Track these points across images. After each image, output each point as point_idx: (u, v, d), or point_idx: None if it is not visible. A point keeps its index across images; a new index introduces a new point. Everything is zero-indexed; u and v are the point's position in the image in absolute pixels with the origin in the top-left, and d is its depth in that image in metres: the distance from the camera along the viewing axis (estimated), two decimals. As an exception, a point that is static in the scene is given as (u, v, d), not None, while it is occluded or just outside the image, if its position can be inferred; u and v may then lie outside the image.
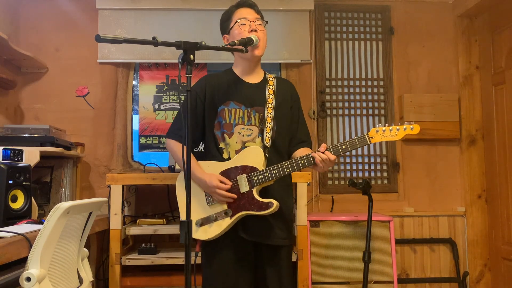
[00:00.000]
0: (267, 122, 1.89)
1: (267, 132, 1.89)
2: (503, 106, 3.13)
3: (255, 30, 1.89)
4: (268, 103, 1.92)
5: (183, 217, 1.90)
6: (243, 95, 1.93)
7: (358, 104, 3.40)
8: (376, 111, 3.41)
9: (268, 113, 1.91)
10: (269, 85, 1.96)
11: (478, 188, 3.36)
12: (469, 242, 3.31)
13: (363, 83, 3.42)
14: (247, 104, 1.92)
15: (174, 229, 2.69)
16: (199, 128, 1.96)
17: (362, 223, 2.79)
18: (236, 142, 1.90)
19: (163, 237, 3.06)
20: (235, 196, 1.82)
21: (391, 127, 1.79)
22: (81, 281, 1.89)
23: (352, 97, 3.41)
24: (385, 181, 3.38)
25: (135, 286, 2.64)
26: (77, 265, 1.90)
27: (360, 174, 3.38)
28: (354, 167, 3.37)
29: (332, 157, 1.77)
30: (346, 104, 3.40)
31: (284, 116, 1.97)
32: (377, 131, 1.79)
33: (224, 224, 1.83)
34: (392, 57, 3.42)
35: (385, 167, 3.39)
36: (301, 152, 1.96)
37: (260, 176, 1.81)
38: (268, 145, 1.88)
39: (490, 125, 3.30)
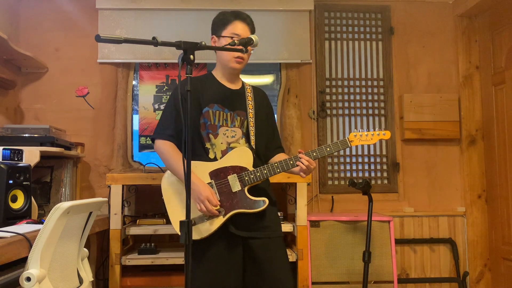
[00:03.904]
0: (250, 126, 2.00)
1: (251, 135, 2.00)
2: (503, 106, 3.13)
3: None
4: (249, 108, 2.03)
5: (172, 218, 1.94)
6: (226, 99, 2.01)
7: (358, 104, 3.40)
8: (376, 111, 3.41)
9: (250, 117, 2.01)
10: (247, 92, 2.07)
11: (478, 188, 3.36)
12: (469, 242, 3.31)
13: (363, 83, 3.42)
14: (230, 108, 2.00)
15: (174, 229, 2.68)
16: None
17: (362, 223, 2.79)
18: (222, 143, 1.97)
19: (163, 237, 3.06)
20: (217, 213, 1.85)
21: (366, 133, 1.99)
22: (81, 281, 1.89)
23: (352, 97, 3.41)
24: (385, 181, 3.38)
25: (135, 286, 2.64)
26: (77, 265, 1.90)
27: (360, 174, 3.38)
28: (354, 167, 3.37)
29: (312, 162, 1.92)
30: (346, 104, 3.40)
31: (262, 121, 2.07)
32: (355, 136, 1.99)
33: (217, 223, 1.87)
34: (392, 57, 3.42)
35: (385, 167, 3.39)
36: (280, 156, 2.08)
37: (252, 176, 1.90)
38: (254, 147, 1.99)
39: (490, 125, 3.30)
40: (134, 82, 3.29)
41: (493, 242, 3.26)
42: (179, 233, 1.74)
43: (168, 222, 2.85)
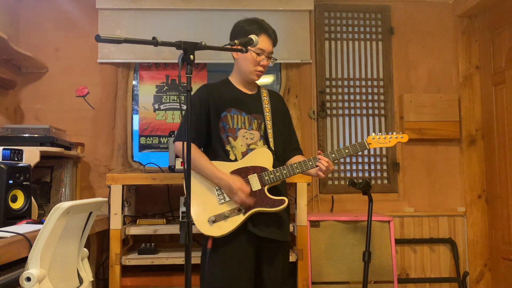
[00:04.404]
0: (268, 128, 2.07)
1: (270, 137, 2.06)
2: (503, 106, 3.13)
3: (263, 66, 2.07)
4: (266, 111, 2.10)
5: (194, 214, 1.99)
6: (243, 103, 2.08)
7: (358, 104, 3.40)
8: (376, 111, 3.41)
9: (267, 120, 2.08)
10: (263, 96, 2.15)
11: (478, 188, 3.36)
12: (469, 242, 3.31)
13: (363, 83, 3.42)
14: (247, 111, 2.08)
15: (174, 229, 2.69)
16: (205, 132, 2.07)
17: (362, 223, 2.79)
18: (241, 145, 2.04)
19: (163, 237, 3.06)
20: (252, 202, 1.92)
21: (384, 136, 2.06)
22: (81, 281, 1.89)
23: (352, 97, 3.41)
24: (385, 181, 3.38)
25: (135, 286, 2.64)
26: (77, 265, 1.90)
27: (360, 174, 3.38)
28: (354, 167, 3.37)
29: (331, 163, 1.98)
30: (346, 104, 3.40)
31: (278, 124, 2.13)
32: (373, 138, 2.06)
33: (237, 220, 1.93)
34: (392, 57, 3.42)
35: (385, 167, 3.39)
36: (297, 158, 2.13)
37: (272, 176, 1.97)
38: (273, 149, 2.06)
39: (490, 125, 3.30)
40: (134, 82, 3.29)
41: (493, 242, 3.26)
42: (201, 231, 1.92)
43: (168, 222, 2.86)
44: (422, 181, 3.36)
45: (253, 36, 1.87)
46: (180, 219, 2.75)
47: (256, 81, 2.16)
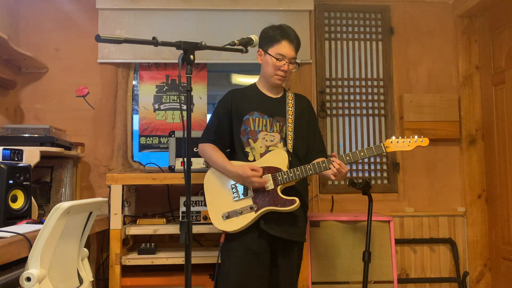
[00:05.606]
0: (288, 131, 2.12)
1: (289, 139, 2.12)
2: (503, 106, 3.13)
3: (283, 71, 2.11)
4: (289, 114, 2.15)
5: (210, 209, 2.08)
6: (266, 107, 2.16)
7: (358, 104, 3.40)
8: (376, 111, 3.41)
9: (289, 123, 2.14)
10: (289, 99, 2.20)
11: (478, 188, 3.36)
12: (469, 242, 3.31)
13: (363, 83, 3.42)
14: (269, 114, 2.14)
15: (174, 229, 2.69)
16: (228, 135, 2.17)
17: (362, 223, 2.79)
18: (261, 147, 2.11)
19: (163, 237, 3.06)
20: (267, 180, 2.00)
21: (403, 139, 2.04)
22: (81, 281, 1.89)
23: (352, 97, 3.41)
24: (385, 181, 3.38)
25: (135, 286, 2.64)
26: (77, 265, 1.90)
27: (360, 174, 3.38)
28: (354, 167, 3.37)
29: (344, 166, 1.98)
30: (346, 104, 3.40)
31: (301, 126, 2.18)
32: (391, 142, 2.04)
33: (249, 217, 2.01)
34: (392, 57, 3.42)
35: (385, 167, 3.39)
36: (319, 161, 2.14)
37: (285, 176, 2.02)
38: (291, 150, 2.11)
39: (490, 125, 3.30)
40: (134, 82, 3.29)
41: (493, 242, 3.26)
42: (214, 225, 2.02)
43: (168, 222, 2.86)
44: (422, 181, 3.36)
45: (253, 36, 1.89)
46: (180, 219, 2.74)
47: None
